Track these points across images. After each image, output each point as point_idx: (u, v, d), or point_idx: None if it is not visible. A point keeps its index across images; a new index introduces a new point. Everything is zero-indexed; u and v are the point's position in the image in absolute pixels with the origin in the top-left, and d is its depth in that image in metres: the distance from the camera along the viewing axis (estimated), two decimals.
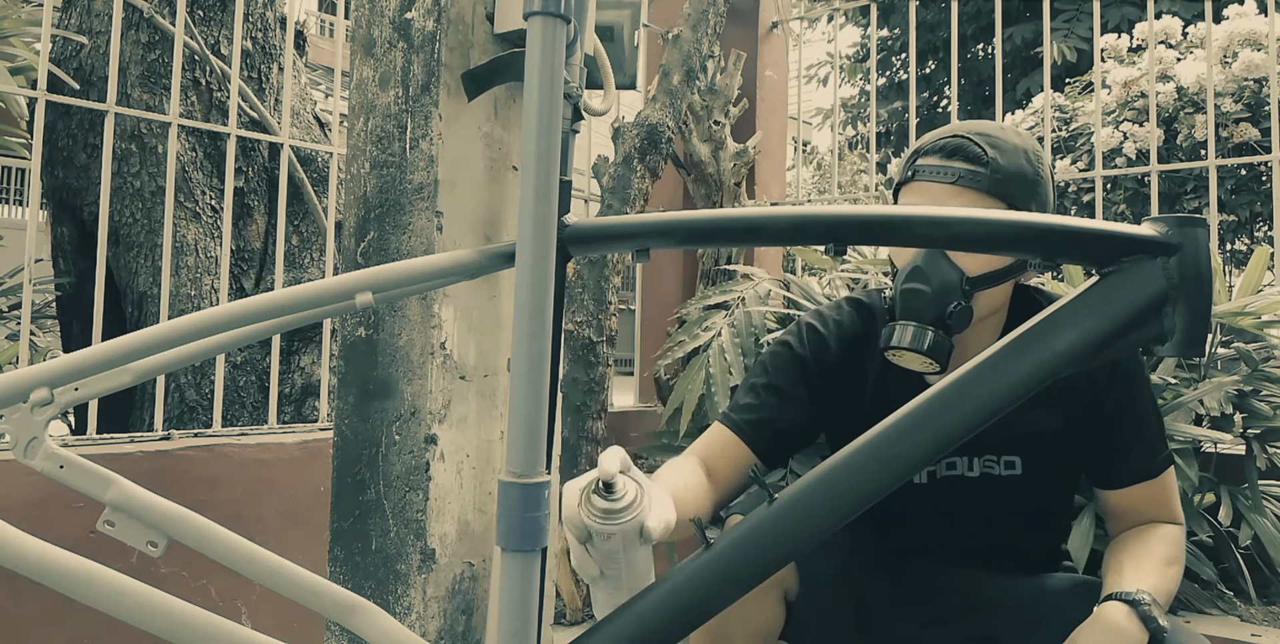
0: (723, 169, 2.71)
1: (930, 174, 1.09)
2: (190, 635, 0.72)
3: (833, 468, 0.80)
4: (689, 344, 2.21)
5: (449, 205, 1.15)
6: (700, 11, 2.45)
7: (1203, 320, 0.76)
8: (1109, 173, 2.57)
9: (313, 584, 0.79)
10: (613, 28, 1.25)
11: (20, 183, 12.82)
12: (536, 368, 0.72)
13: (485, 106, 1.18)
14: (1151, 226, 0.79)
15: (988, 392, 0.78)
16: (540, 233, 0.73)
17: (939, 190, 1.08)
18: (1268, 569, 1.70)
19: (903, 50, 8.77)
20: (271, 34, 2.73)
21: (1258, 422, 1.67)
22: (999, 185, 1.06)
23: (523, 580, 0.72)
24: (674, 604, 0.82)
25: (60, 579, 0.70)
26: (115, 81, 1.85)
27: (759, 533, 0.81)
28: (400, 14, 1.17)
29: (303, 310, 0.82)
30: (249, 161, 2.61)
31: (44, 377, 0.74)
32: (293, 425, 2.13)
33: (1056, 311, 0.80)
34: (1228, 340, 1.79)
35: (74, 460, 0.76)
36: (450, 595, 1.15)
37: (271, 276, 2.55)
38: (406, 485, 1.14)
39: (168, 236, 1.93)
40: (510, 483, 0.71)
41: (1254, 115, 3.46)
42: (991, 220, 0.81)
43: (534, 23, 0.73)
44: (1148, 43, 2.98)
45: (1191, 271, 0.76)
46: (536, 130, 0.72)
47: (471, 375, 1.17)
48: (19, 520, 0.73)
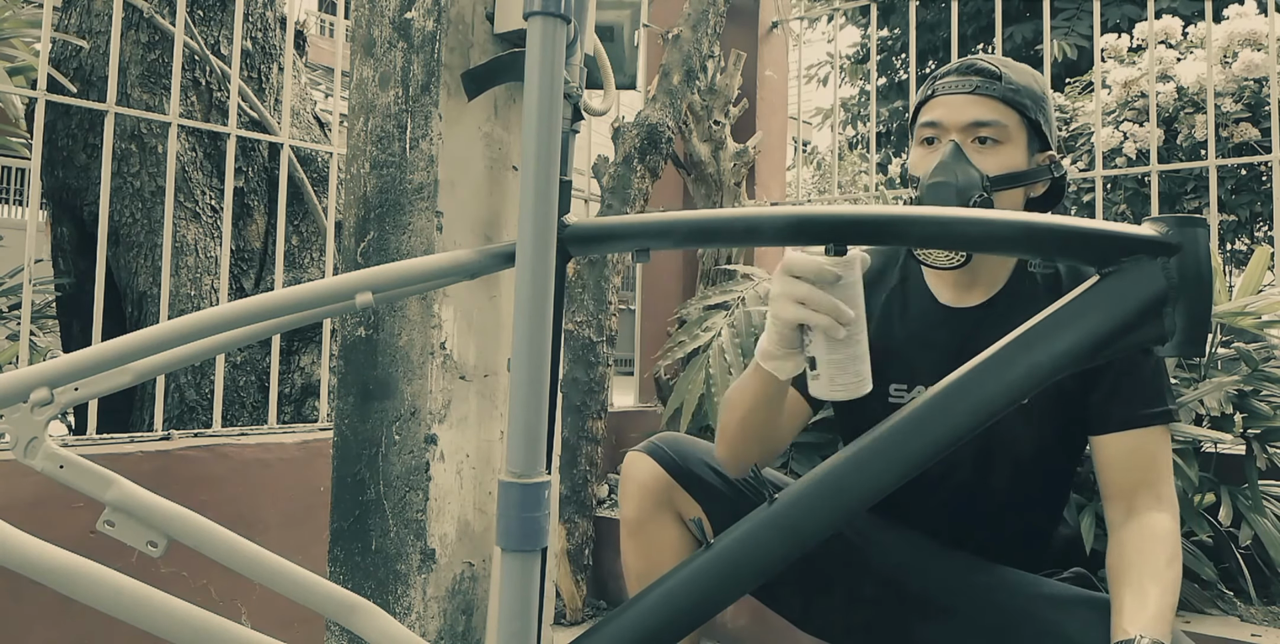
0: (723, 169, 2.71)
1: (949, 87, 1.19)
2: (190, 635, 0.72)
3: (833, 468, 0.80)
4: (689, 344, 2.21)
5: (449, 205, 1.15)
6: (700, 11, 2.45)
7: (1203, 320, 0.76)
8: (1109, 173, 2.57)
9: (313, 584, 0.79)
10: (613, 28, 1.25)
11: (20, 183, 12.83)
12: (536, 368, 0.72)
13: (485, 106, 1.18)
14: (1151, 227, 0.79)
15: (987, 392, 0.78)
16: (540, 233, 0.73)
17: (958, 100, 1.17)
18: (1268, 569, 1.70)
19: (903, 50, 8.77)
20: (271, 34, 2.73)
21: (1258, 422, 1.67)
22: (1013, 94, 1.16)
23: (522, 580, 0.72)
24: (674, 604, 0.82)
25: (60, 579, 0.70)
26: (115, 81, 1.85)
27: (759, 533, 0.81)
28: (400, 14, 1.17)
29: (302, 310, 0.82)
30: (249, 161, 2.61)
31: (44, 377, 0.74)
32: (293, 425, 2.13)
33: (1057, 311, 0.80)
34: (1228, 340, 1.79)
35: (74, 460, 0.76)
36: (450, 595, 1.15)
37: (271, 276, 2.55)
38: (406, 485, 1.14)
39: (168, 237, 1.93)
40: (510, 483, 0.71)
41: (1254, 115, 3.45)
42: (992, 220, 0.81)
43: (534, 23, 0.73)
44: (1148, 42, 2.98)
45: (1192, 272, 0.76)
46: (536, 130, 0.72)
47: (471, 375, 1.17)
48: (19, 520, 0.73)
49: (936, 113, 1.18)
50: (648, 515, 1.23)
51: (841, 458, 0.81)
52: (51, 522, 1.49)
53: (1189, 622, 1.58)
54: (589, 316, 2.27)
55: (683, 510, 1.22)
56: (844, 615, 1.25)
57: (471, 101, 1.15)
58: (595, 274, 2.28)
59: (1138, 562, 1.05)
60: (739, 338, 2.15)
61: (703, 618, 0.84)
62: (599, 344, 2.28)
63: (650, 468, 1.23)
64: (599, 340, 2.28)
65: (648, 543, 1.23)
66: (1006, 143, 1.16)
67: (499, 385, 1.21)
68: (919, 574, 1.20)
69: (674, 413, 2.19)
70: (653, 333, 2.91)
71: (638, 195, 2.33)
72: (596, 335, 2.27)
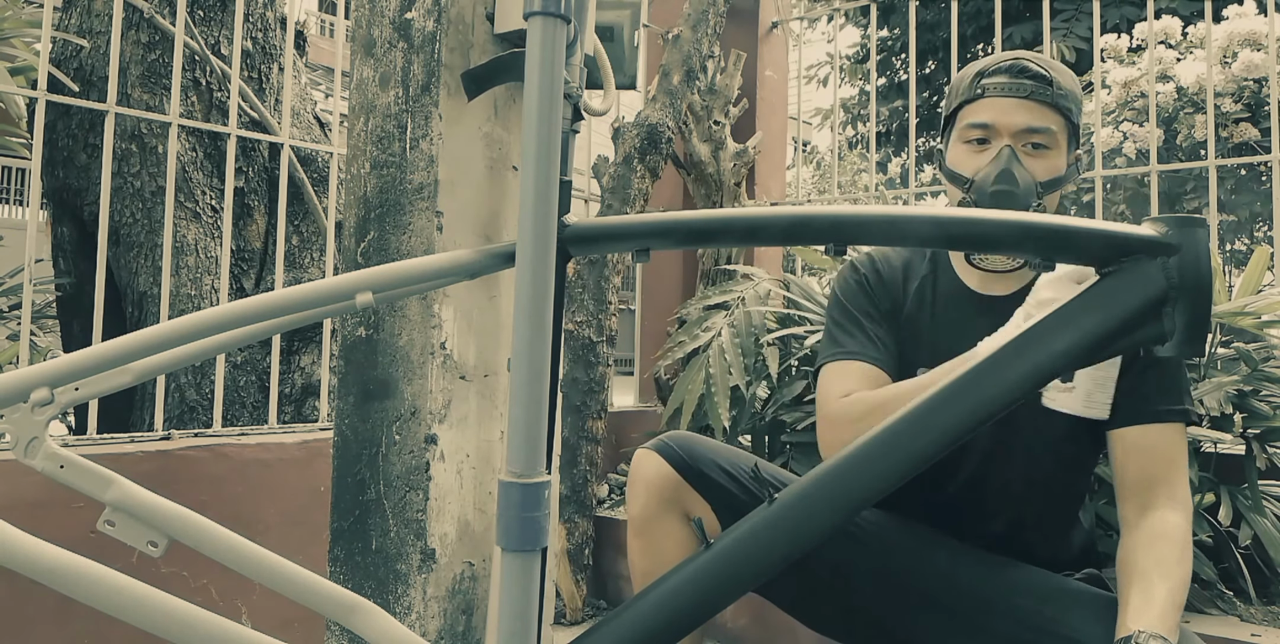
0: (723, 169, 2.71)
1: (1001, 90, 1.18)
2: (190, 635, 0.72)
3: (834, 466, 0.80)
4: (689, 344, 2.21)
5: (449, 205, 1.15)
6: (700, 11, 2.45)
7: (1202, 320, 0.76)
8: (1109, 173, 2.57)
9: (312, 584, 0.79)
10: (613, 28, 1.25)
11: (20, 183, 12.83)
12: (536, 368, 0.72)
13: (485, 106, 1.18)
14: (1151, 227, 0.79)
15: (988, 391, 0.78)
16: (540, 233, 0.73)
17: (1009, 104, 1.18)
18: (1268, 569, 1.70)
19: (903, 50, 8.77)
20: (271, 34, 2.73)
21: (1258, 422, 1.67)
22: (1062, 100, 1.18)
23: (522, 580, 0.72)
24: (674, 604, 0.82)
25: (60, 579, 0.70)
26: (115, 81, 1.85)
27: (759, 533, 0.81)
28: (400, 14, 1.17)
29: (302, 310, 0.83)
30: (249, 161, 2.61)
31: (44, 377, 0.74)
32: (293, 425, 2.13)
33: (1058, 311, 0.80)
34: (1228, 340, 1.79)
35: (74, 460, 0.76)
36: (450, 595, 1.15)
37: (271, 276, 2.55)
38: (406, 485, 1.14)
39: (168, 236, 1.93)
40: (510, 483, 0.71)
41: (1254, 115, 3.46)
42: (991, 220, 0.81)
43: (534, 23, 0.73)
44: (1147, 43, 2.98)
45: (1191, 272, 0.76)
46: (536, 130, 0.72)
47: (472, 375, 1.17)
48: (20, 520, 0.73)
49: (988, 115, 1.18)
50: (655, 514, 1.23)
51: (843, 456, 0.81)
52: (52, 521, 1.49)
53: (1189, 622, 1.58)
54: (589, 317, 2.27)
55: (691, 510, 1.22)
56: (845, 611, 1.24)
57: (472, 102, 1.15)
58: (595, 274, 2.28)
59: (1148, 559, 1.05)
60: (739, 338, 2.15)
61: (703, 617, 0.84)
62: (599, 344, 2.28)
63: (659, 466, 1.23)
64: (599, 340, 2.28)
65: (654, 542, 1.23)
66: (1054, 148, 1.18)
67: (499, 385, 1.21)
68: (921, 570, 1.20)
69: (674, 413, 2.19)
70: (653, 333, 2.91)
71: (638, 195, 2.33)
72: (596, 335, 2.27)
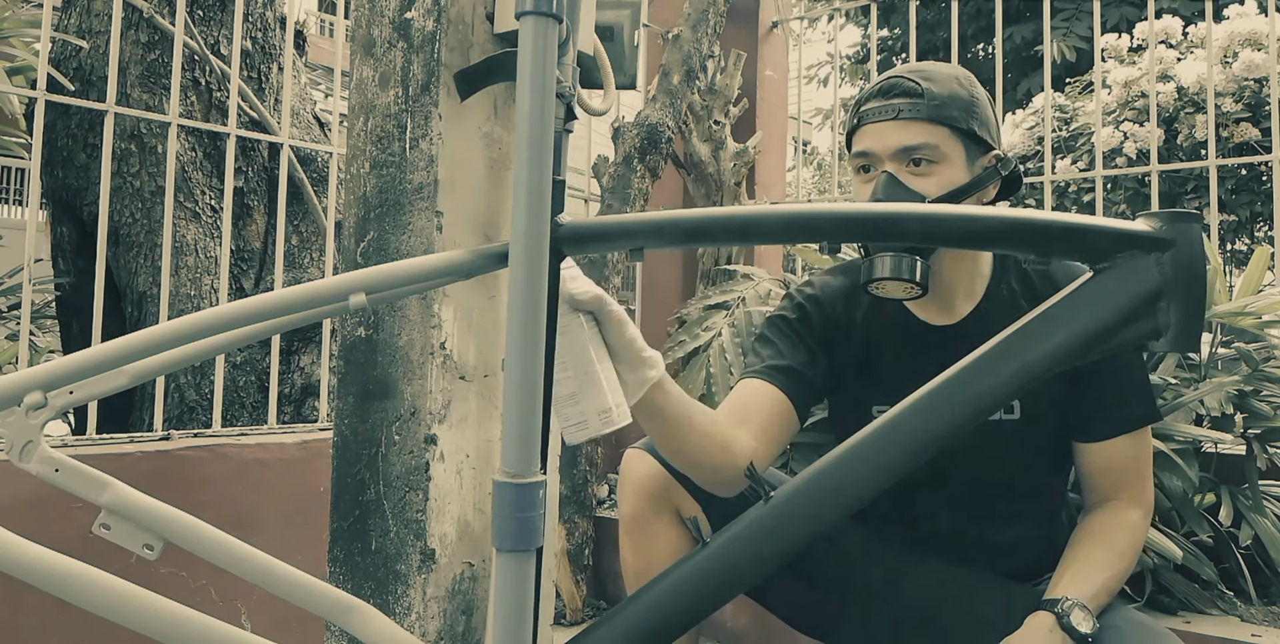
0: (723, 169, 2.71)
1: (874, 115, 1.15)
2: (188, 639, 0.72)
3: (829, 465, 0.80)
4: (689, 344, 2.21)
5: (449, 205, 1.14)
6: (700, 11, 2.44)
7: (1197, 315, 0.76)
8: (1109, 173, 2.56)
9: (309, 586, 0.79)
10: (613, 28, 1.25)
11: (20, 183, 12.84)
12: (530, 368, 0.72)
13: (485, 106, 1.18)
14: (1145, 222, 0.79)
15: (983, 387, 0.78)
16: (533, 233, 0.73)
17: (885, 127, 1.14)
18: (1268, 569, 1.69)
19: (903, 50, 8.76)
20: (271, 34, 2.73)
21: (1258, 422, 1.67)
22: (937, 111, 1.12)
23: (518, 580, 0.72)
24: (671, 603, 0.82)
25: (54, 583, 0.70)
26: (115, 81, 1.85)
27: (755, 532, 0.81)
28: (400, 14, 1.17)
29: (297, 311, 0.82)
30: (249, 161, 2.61)
31: (38, 380, 0.74)
32: (293, 425, 2.14)
33: (1051, 307, 0.80)
34: (1228, 340, 1.79)
35: (69, 464, 0.76)
36: (450, 596, 1.15)
37: (271, 276, 2.55)
38: (406, 485, 1.14)
39: (167, 236, 1.93)
40: (505, 483, 0.71)
41: (1254, 115, 3.45)
42: (985, 217, 0.81)
43: (525, 22, 0.73)
44: (1148, 42, 2.98)
45: (1185, 267, 0.76)
46: (528, 130, 0.72)
47: (471, 375, 1.17)
48: (15, 523, 0.73)
49: (866, 142, 1.16)
50: (646, 513, 1.23)
51: (838, 455, 0.81)
52: (48, 524, 1.49)
53: (1189, 622, 1.58)
54: None
55: (682, 509, 1.22)
56: (835, 620, 1.25)
57: (472, 101, 1.15)
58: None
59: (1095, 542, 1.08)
60: (739, 338, 2.15)
61: (700, 616, 0.84)
62: None
63: (649, 466, 1.23)
64: None
65: (646, 541, 1.23)
66: (941, 161, 1.13)
67: (499, 385, 1.21)
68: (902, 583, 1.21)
69: None
70: (653, 333, 2.91)
71: (638, 195, 2.33)
72: None
